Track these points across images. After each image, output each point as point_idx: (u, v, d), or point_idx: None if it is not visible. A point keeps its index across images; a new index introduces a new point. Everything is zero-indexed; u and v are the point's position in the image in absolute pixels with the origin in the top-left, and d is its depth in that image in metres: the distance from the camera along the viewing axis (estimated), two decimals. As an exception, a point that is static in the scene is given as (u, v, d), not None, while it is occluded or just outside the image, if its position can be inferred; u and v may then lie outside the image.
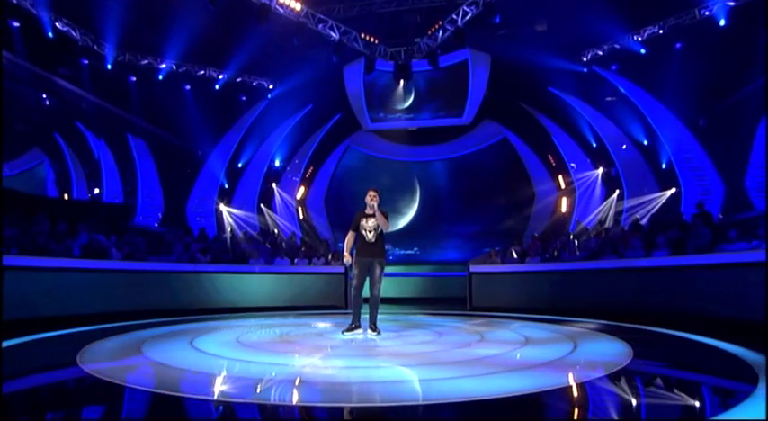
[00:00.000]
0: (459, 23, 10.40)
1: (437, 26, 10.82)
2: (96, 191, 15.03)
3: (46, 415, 2.82)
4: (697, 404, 2.91)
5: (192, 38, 12.32)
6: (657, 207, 12.68)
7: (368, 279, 5.49)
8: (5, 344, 5.01)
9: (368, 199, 5.42)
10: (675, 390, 3.27)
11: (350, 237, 5.61)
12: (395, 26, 11.55)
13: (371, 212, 5.40)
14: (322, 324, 6.88)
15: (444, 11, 10.77)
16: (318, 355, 4.17)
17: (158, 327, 6.30)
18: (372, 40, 11.06)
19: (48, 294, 7.04)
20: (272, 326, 6.67)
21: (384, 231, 5.48)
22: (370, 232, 5.42)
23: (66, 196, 14.99)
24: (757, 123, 11.38)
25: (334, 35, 10.74)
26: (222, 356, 4.16)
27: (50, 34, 11.01)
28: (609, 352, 4.32)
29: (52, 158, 15.38)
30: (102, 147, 14.76)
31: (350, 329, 5.37)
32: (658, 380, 3.48)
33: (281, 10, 9.91)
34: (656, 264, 7.57)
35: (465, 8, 10.15)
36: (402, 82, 12.81)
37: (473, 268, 9.83)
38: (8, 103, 12.65)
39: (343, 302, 10.20)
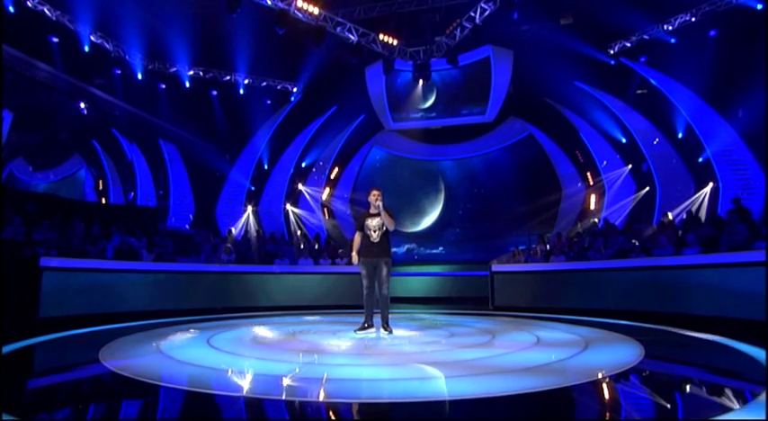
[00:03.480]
0: (478, 21, 10.28)
1: (455, 24, 10.73)
2: (132, 195, 15.72)
3: (68, 406, 2.98)
4: None
5: (217, 45, 12.73)
6: (703, 206, 12.08)
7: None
8: (39, 339, 5.34)
9: (372, 199, 5.48)
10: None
11: (357, 238, 5.66)
12: (414, 26, 11.54)
13: (376, 212, 5.45)
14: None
15: (463, 9, 10.67)
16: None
17: (176, 326, 6.54)
18: (391, 40, 11.08)
19: (82, 294, 7.40)
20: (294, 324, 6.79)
21: (390, 230, 5.49)
22: (374, 231, 5.46)
23: (103, 200, 15.75)
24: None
25: (352, 38, 10.83)
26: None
27: (86, 47, 11.58)
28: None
29: (90, 164, 16.21)
30: (136, 152, 15.41)
31: (362, 328, 5.43)
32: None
33: (299, 14, 10.08)
34: (683, 263, 7.25)
35: (483, 5, 10.03)
36: (421, 81, 12.77)
37: (495, 267, 9.71)
38: (50, 112, 13.45)
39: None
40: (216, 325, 6.66)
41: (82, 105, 13.29)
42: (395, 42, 11.08)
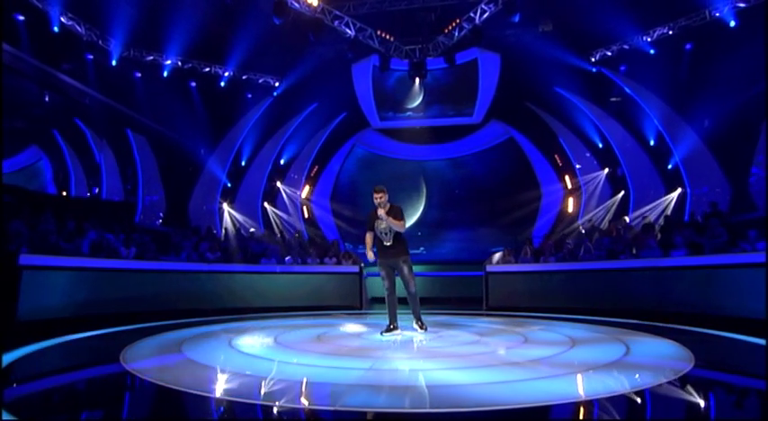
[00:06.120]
0: (477, 22, 10.35)
1: (454, 24, 10.76)
2: (96, 189, 14.72)
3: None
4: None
5: (199, 34, 12.14)
6: (669, 209, 12.72)
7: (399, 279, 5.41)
8: (29, 350, 4.83)
9: (375, 201, 5.17)
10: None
11: (368, 238, 5.32)
12: (409, 24, 11.47)
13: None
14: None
15: (458, 9, 10.71)
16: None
17: (194, 327, 6.14)
18: (388, 37, 10.96)
19: (64, 295, 6.82)
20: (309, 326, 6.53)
21: (401, 231, 5.28)
22: (385, 235, 5.24)
23: (64, 193, 14.65)
24: (761, 124, 11.49)
25: (349, 32, 10.62)
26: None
27: (56, 29, 10.74)
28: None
29: (50, 155, 15.04)
30: (103, 144, 14.45)
31: (388, 330, 5.27)
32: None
33: (296, 5, 9.77)
34: (685, 264, 7.55)
35: (483, 6, 10.10)
36: (417, 80, 12.73)
37: (489, 268, 9.78)
38: (9, 98, 12.33)
39: (358, 303, 10.09)
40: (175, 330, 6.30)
41: (45, 91, 12.30)
42: (392, 38, 10.96)
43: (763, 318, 5.43)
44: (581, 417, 2.53)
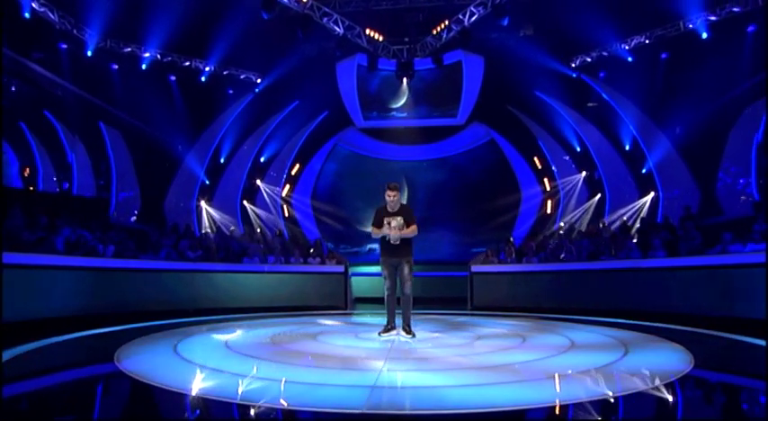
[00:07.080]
0: (466, 24, 10.44)
1: (443, 26, 10.82)
2: (66, 185, 14.10)
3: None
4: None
5: (180, 26, 11.77)
6: (644, 211, 13.16)
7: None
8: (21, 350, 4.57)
9: (387, 198, 5.13)
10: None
11: (376, 230, 5.26)
12: (397, 24, 11.47)
13: (393, 211, 5.12)
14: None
15: (445, 10, 10.78)
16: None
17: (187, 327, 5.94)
18: (376, 36, 10.92)
19: (43, 295, 6.49)
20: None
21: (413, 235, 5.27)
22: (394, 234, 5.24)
23: (31, 188, 13.98)
24: (728, 132, 12.06)
25: (338, 29, 10.52)
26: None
27: (27, 15, 10.21)
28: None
29: (16, 148, 14.32)
30: (75, 139, 13.86)
31: (386, 330, 5.24)
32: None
33: (285, 0, 9.61)
34: (682, 264, 7.79)
35: (472, 9, 10.20)
36: (405, 80, 12.74)
37: (474, 268, 9.88)
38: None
39: (343, 303, 10.01)
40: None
41: (12, 81, 11.70)
42: (380, 38, 10.92)
43: (761, 318, 5.63)
44: (580, 418, 2.58)
